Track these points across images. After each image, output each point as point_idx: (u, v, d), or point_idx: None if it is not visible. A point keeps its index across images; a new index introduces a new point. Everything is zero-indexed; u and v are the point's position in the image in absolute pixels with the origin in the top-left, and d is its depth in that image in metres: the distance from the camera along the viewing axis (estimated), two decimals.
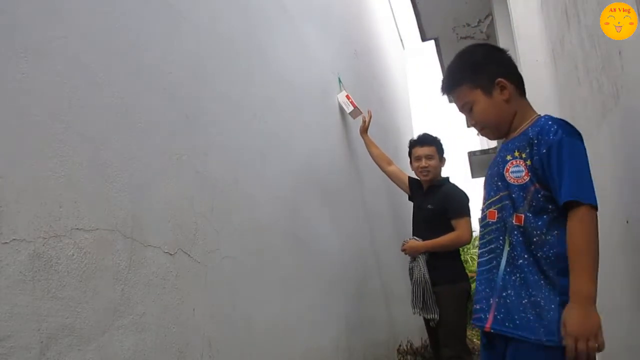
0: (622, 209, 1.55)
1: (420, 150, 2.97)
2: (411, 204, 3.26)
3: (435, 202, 2.89)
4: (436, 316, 2.71)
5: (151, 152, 1.46)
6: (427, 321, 2.84)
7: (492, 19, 4.22)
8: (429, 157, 2.95)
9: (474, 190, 3.24)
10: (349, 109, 3.46)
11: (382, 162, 3.39)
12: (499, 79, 1.48)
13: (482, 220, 1.55)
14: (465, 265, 3.12)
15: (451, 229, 2.82)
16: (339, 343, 2.83)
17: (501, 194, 1.45)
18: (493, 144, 7.34)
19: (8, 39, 1.04)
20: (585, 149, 1.38)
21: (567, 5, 1.92)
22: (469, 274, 2.98)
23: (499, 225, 1.45)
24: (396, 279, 4.63)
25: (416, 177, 3.14)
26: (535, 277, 1.34)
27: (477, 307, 1.47)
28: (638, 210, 1.41)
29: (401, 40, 7.88)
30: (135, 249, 1.33)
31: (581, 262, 1.25)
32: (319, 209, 2.86)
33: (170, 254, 1.47)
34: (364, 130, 3.45)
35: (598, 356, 1.56)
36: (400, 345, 4.21)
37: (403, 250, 2.94)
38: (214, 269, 1.69)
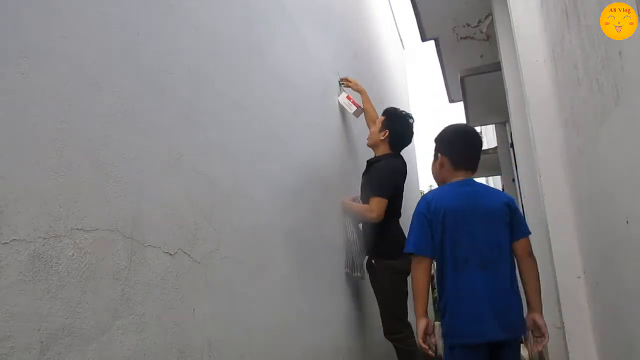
0: (622, 209, 1.55)
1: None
2: (409, 202, 3.30)
3: (367, 174, 3.14)
4: (359, 274, 3.05)
5: (151, 152, 1.46)
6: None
7: (492, 19, 4.21)
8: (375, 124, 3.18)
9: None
10: (351, 109, 3.47)
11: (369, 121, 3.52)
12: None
13: None
14: None
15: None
16: (339, 343, 2.83)
17: None
18: (493, 144, 7.34)
19: (8, 39, 1.03)
20: (418, 210, 2.02)
21: (567, 5, 1.92)
22: None
23: None
24: None
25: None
26: None
27: None
28: (638, 210, 1.41)
29: (401, 40, 7.88)
30: (135, 249, 1.32)
31: (413, 295, 1.98)
32: (319, 208, 2.86)
33: (170, 254, 1.47)
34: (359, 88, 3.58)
35: (599, 355, 1.58)
36: None
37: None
38: (214, 269, 1.69)
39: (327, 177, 3.07)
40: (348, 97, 3.51)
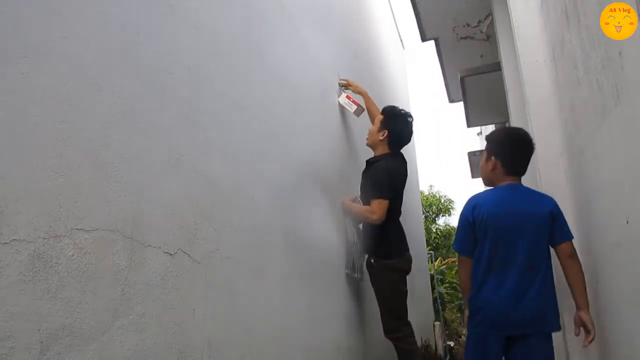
0: (622, 209, 1.55)
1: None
2: (409, 202, 3.33)
3: (366, 176, 3.14)
4: (358, 276, 3.06)
5: (151, 152, 1.46)
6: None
7: (492, 19, 4.21)
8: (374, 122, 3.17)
9: (474, 190, 3.28)
10: (352, 108, 3.47)
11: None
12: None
13: None
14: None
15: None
16: (339, 343, 2.83)
17: None
18: None
19: (8, 39, 1.03)
20: (462, 216, 2.18)
21: (567, 5, 1.92)
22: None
23: None
24: None
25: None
26: None
27: None
28: (638, 210, 1.41)
29: (401, 40, 7.88)
30: (135, 249, 1.32)
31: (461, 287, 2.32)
32: (319, 208, 2.86)
33: (170, 254, 1.47)
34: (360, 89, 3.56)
35: (599, 356, 1.59)
36: None
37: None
38: (214, 269, 1.69)
39: (327, 177, 3.07)
40: (348, 97, 3.51)
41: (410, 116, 3.23)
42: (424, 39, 5.07)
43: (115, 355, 1.21)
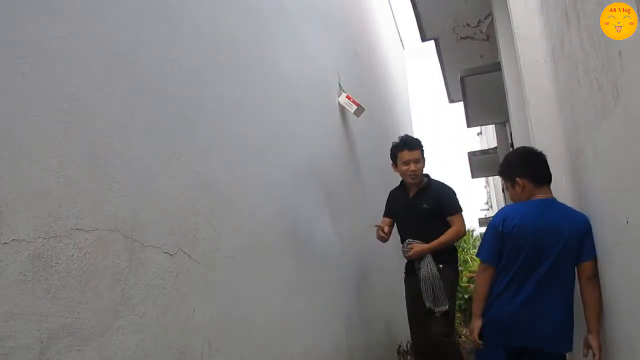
0: (622, 209, 1.55)
1: (409, 155, 2.99)
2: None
3: (430, 201, 2.96)
4: (446, 307, 2.80)
5: (151, 152, 1.46)
6: (420, 312, 2.89)
7: (492, 19, 4.21)
8: (417, 160, 2.99)
9: (473, 189, 3.27)
10: (352, 108, 3.47)
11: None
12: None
13: None
14: (465, 266, 3.17)
15: (446, 223, 2.92)
16: (339, 343, 2.83)
17: None
18: (493, 144, 7.34)
19: (8, 39, 1.03)
20: (492, 222, 2.20)
21: (567, 5, 1.92)
22: (469, 275, 3.07)
23: None
24: (396, 279, 4.62)
25: (396, 190, 3.20)
26: None
27: None
28: (638, 210, 1.41)
29: (401, 40, 7.88)
30: (135, 249, 1.32)
31: (474, 294, 2.21)
32: (319, 209, 2.86)
33: (170, 254, 1.47)
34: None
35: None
36: (400, 346, 4.21)
37: (409, 256, 2.94)
38: (214, 269, 1.69)
39: (327, 177, 3.07)
40: (348, 97, 3.51)
41: (398, 140, 3.19)
42: (424, 39, 5.06)
43: (115, 355, 1.21)
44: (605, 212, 1.77)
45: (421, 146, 3.07)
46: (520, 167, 2.22)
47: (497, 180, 8.67)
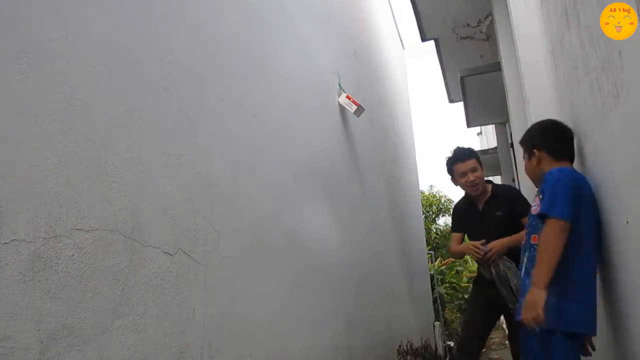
0: (622, 209, 1.55)
1: (464, 166, 2.94)
2: (410, 203, 3.27)
3: (502, 208, 2.90)
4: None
5: (151, 152, 1.46)
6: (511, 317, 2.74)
7: (492, 19, 4.21)
8: (474, 170, 2.94)
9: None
10: (352, 108, 3.47)
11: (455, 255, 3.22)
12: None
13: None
14: (465, 266, 3.15)
15: (519, 227, 2.78)
16: (339, 343, 2.83)
17: (528, 223, 2.02)
18: (493, 144, 7.34)
19: (8, 39, 1.03)
20: (567, 178, 1.80)
21: (567, 5, 1.92)
22: (469, 274, 3.01)
23: (524, 245, 1.99)
24: (396, 279, 4.63)
25: (461, 203, 3.15)
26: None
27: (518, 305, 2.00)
28: (638, 210, 1.41)
29: (401, 40, 7.88)
30: (135, 249, 1.32)
31: (541, 259, 1.74)
32: (319, 209, 2.86)
33: (170, 254, 1.47)
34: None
35: (600, 357, 1.59)
36: (400, 346, 4.21)
37: (490, 255, 2.75)
38: (214, 269, 1.69)
39: (327, 177, 3.07)
40: (348, 97, 3.51)
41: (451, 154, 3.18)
42: (424, 39, 5.07)
43: (115, 355, 1.21)
44: (605, 212, 1.77)
45: (475, 155, 3.01)
46: (540, 137, 2.03)
47: (497, 181, 8.66)
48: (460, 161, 2.96)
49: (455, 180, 3.05)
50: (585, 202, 1.78)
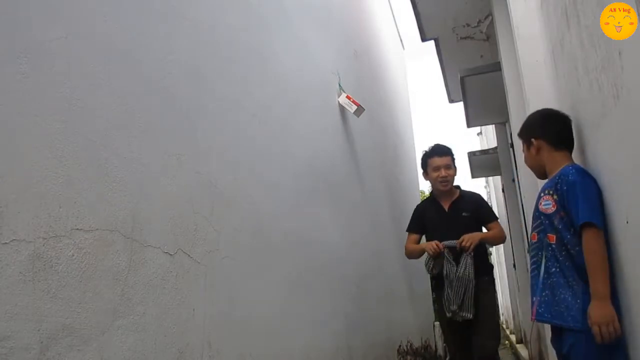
0: (622, 209, 1.55)
1: (439, 161, 2.98)
2: (410, 203, 3.29)
3: (469, 209, 2.95)
4: (470, 315, 2.74)
5: (151, 152, 1.46)
6: (454, 322, 2.82)
7: (492, 19, 4.21)
8: (447, 166, 2.98)
9: (473, 190, 3.28)
10: (352, 108, 3.47)
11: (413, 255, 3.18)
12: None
13: (530, 241, 2.06)
14: None
15: (481, 230, 2.95)
16: (339, 343, 2.83)
17: (538, 221, 1.92)
18: (493, 144, 7.34)
19: (8, 39, 1.04)
20: (594, 184, 1.76)
21: (567, 5, 1.92)
22: None
23: (538, 244, 1.92)
24: (396, 279, 4.63)
25: (426, 199, 3.23)
26: (562, 280, 1.79)
27: None
28: (638, 210, 1.41)
29: (401, 40, 7.88)
30: (135, 249, 1.33)
31: (595, 270, 1.66)
32: (319, 209, 2.86)
33: (170, 254, 1.47)
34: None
35: (601, 355, 1.58)
36: (400, 346, 4.21)
37: (463, 245, 2.77)
38: (214, 269, 1.69)
39: (327, 177, 3.07)
40: (348, 97, 3.51)
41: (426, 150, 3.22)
42: (424, 39, 5.07)
43: (115, 355, 1.21)
44: (605, 212, 1.77)
45: (452, 154, 3.05)
46: (537, 127, 2.02)
47: (496, 181, 8.67)
48: (437, 155, 3.02)
49: (426, 175, 3.10)
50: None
